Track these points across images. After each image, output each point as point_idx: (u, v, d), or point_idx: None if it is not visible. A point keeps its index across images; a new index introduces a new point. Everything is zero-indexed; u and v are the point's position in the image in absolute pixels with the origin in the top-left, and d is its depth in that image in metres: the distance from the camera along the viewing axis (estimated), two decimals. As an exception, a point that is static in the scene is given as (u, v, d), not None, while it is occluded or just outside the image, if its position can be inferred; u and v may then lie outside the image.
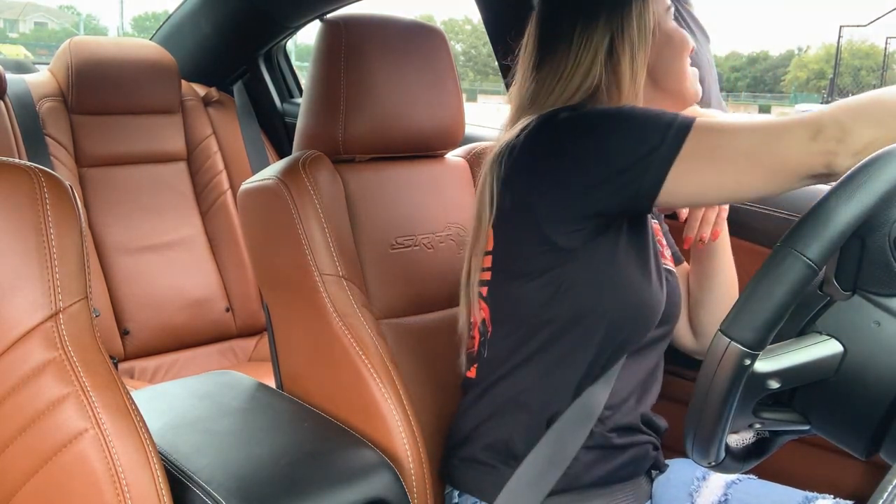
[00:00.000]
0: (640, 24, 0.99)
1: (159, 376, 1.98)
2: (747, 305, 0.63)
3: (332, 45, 1.16)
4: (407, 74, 1.19)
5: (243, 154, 2.19)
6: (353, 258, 1.13)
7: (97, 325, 0.81)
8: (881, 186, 0.62)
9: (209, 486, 0.88)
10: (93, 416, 0.76)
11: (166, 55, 2.11)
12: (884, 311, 0.64)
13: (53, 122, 1.97)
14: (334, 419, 1.07)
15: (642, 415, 1.06)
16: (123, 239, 2.01)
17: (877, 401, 0.64)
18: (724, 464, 0.73)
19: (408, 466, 1.01)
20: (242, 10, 2.06)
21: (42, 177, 0.79)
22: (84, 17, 35.16)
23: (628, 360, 1.02)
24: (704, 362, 0.65)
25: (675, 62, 1.04)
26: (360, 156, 1.21)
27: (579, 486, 1.01)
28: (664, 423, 1.11)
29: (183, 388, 1.16)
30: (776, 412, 0.70)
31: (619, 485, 1.05)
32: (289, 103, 2.26)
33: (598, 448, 1.01)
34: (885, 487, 0.48)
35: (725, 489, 1.06)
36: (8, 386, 0.76)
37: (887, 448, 0.65)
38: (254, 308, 2.13)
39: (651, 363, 1.08)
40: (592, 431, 1.00)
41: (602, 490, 1.03)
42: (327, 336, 1.07)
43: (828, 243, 0.62)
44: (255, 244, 1.21)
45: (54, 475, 0.75)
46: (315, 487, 0.90)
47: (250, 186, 1.15)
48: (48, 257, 0.77)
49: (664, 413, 1.11)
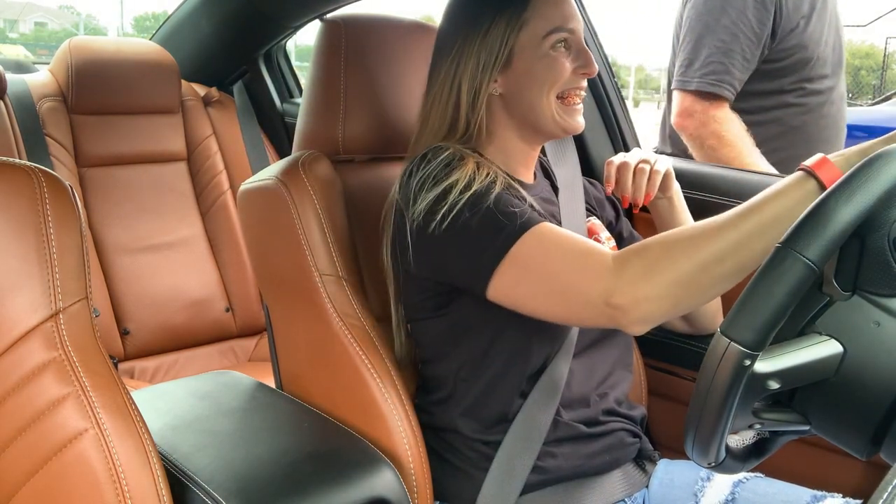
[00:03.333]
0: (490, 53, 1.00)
1: (159, 376, 1.98)
2: (747, 306, 0.63)
3: (332, 45, 1.16)
4: (407, 74, 1.19)
5: (243, 154, 2.19)
6: (353, 258, 1.13)
7: (97, 325, 0.81)
8: (881, 186, 0.62)
9: (209, 486, 0.88)
10: (93, 416, 0.76)
11: (166, 55, 2.11)
12: (884, 312, 0.64)
13: (53, 122, 1.97)
14: (334, 419, 1.07)
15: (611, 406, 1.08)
16: (123, 239, 2.01)
17: (877, 401, 0.64)
18: (725, 464, 0.73)
19: (408, 466, 1.01)
20: (242, 10, 2.05)
21: (42, 177, 0.79)
22: (84, 17, 35.14)
23: (578, 364, 1.05)
24: (704, 362, 0.65)
25: (530, 93, 1.01)
26: (360, 156, 1.21)
27: (558, 480, 1.03)
28: (640, 410, 1.13)
29: (183, 388, 1.16)
30: (776, 412, 0.70)
31: (601, 476, 1.06)
32: (289, 103, 2.26)
33: (569, 440, 1.03)
34: (885, 487, 0.48)
35: (732, 488, 1.06)
36: (8, 386, 0.76)
37: (887, 448, 0.65)
38: (254, 308, 2.13)
39: (609, 359, 1.10)
40: (558, 422, 1.02)
41: (583, 481, 1.05)
42: (327, 336, 1.07)
43: (827, 243, 0.62)
44: (255, 244, 1.21)
45: (54, 475, 0.75)
46: (315, 487, 0.90)
47: (250, 186, 1.15)
48: (48, 257, 0.77)
49: (664, 413, 1.12)
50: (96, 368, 0.79)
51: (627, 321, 0.84)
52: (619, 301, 0.83)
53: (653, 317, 0.83)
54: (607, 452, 1.06)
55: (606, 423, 1.07)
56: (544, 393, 1.01)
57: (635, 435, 1.11)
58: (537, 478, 1.01)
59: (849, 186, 0.63)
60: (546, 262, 0.88)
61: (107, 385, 0.79)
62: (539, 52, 1.00)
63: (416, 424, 1.04)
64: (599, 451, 1.05)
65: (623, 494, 1.07)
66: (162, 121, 2.12)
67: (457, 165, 0.96)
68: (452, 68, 1.02)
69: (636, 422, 1.11)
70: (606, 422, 1.07)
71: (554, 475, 1.02)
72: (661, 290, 0.82)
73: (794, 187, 0.80)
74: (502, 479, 1.00)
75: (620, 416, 1.09)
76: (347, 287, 1.08)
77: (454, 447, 1.05)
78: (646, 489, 1.11)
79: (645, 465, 1.12)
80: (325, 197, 1.10)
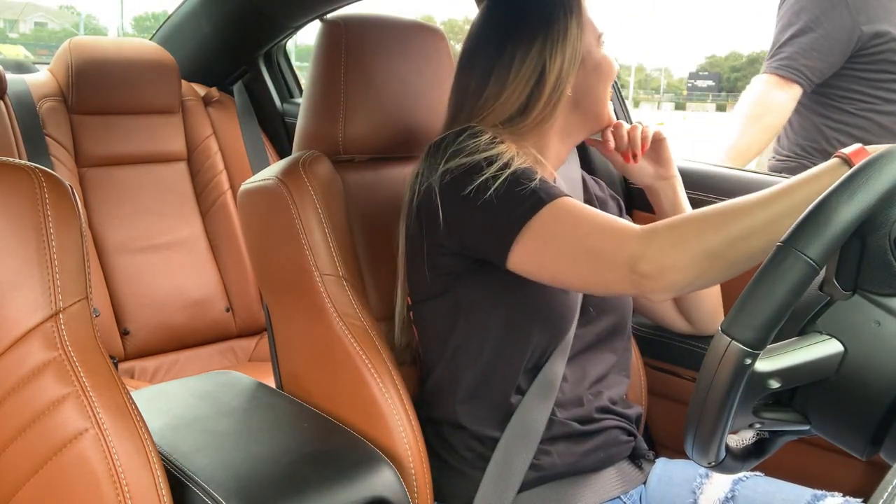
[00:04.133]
0: (573, 52, 1.05)
1: (159, 376, 1.98)
2: (748, 305, 0.63)
3: (332, 45, 1.16)
4: (407, 75, 1.19)
5: (243, 154, 2.19)
6: (353, 258, 1.13)
7: (97, 325, 0.81)
8: (882, 186, 0.62)
9: (209, 486, 0.88)
10: (93, 416, 0.76)
11: (166, 55, 2.11)
12: (884, 311, 0.64)
13: (53, 122, 1.97)
14: (334, 419, 1.07)
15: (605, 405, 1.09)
16: (123, 239, 2.01)
17: (877, 401, 0.64)
18: (724, 464, 0.73)
19: (408, 466, 1.01)
20: (242, 10, 2.05)
21: (42, 177, 0.79)
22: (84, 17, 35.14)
23: (570, 368, 1.06)
24: (704, 362, 0.65)
25: (599, 88, 1.09)
26: (360, 156, 1.21)
27: (553, 477, 1.04)
28: (636, 410, 1.13)
29: (183, 388, 1.16)
30: (776, 412, 0.70)
31: (596, 473, 1.07)
32: (289, 103, 2.26)
33: (564, 438, 1.04)
34: (885, 487, 0.48)
35: (732, 486, 1.07)
36: (8, 386, 0.76)
37: (887, 448, 0.65)
38: (254, 308, 2.13)
39: (604, 364, 1.11)
40: (553, 421, 1.03)
41: (578, 479, 1.05)
42: (327, 336, 1.07)
43: (828, 242, 0.62)
44: (255, 244, 1.21)
45: (54, 475, 0.75)
46: (315, 487, 0.90)
47: (250, 187, 1.15)
48: (48, 257, 0.77)
49: (664, 413, 1.12)
50: (96, 368, 0.79)
51: (651, 288, 0.85)
52: (645, 268, 0.84)
53: (677, 285, 0.84)
54: (602, 450, 1.07)
55: (601, 421, 1.07)
56: (540, 391, 1.02)
57: (630, 433, 1.11)
58: (532, 475, 1.02)
59: (850, 185, 0.63)
60: (575, 227, 0.90)
61: (107, 385, 0.79)
62: (599, 51, 1.09)
63: (417, 424, 1.04)
64: (594, 448, 1.06)
65: (618, 491, 1.07)
66: (162, 121, 2.12)
67: (496, 144, 0.98)
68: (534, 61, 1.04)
69: (631, 420, 1.12)
70: (600, 419, 1.07)
71: (549, 472, 1.03)
72: (688, 259, 0.83)
73: (828, 173, 0.81)
74: (500, 477, 1.00)
75: (615, 414, 1.10)
76: (348, 287, 1.08)
77: (452, 445, 1.05)
78: (643, 486, 1.11)
79: (641, 464, 1.12)
80: (325, 197, 1.10)
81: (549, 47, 1.04)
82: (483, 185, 0.93)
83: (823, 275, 0.68)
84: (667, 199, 1.18)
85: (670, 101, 58.98)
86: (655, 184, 1.18)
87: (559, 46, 1.04)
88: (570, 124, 1.11)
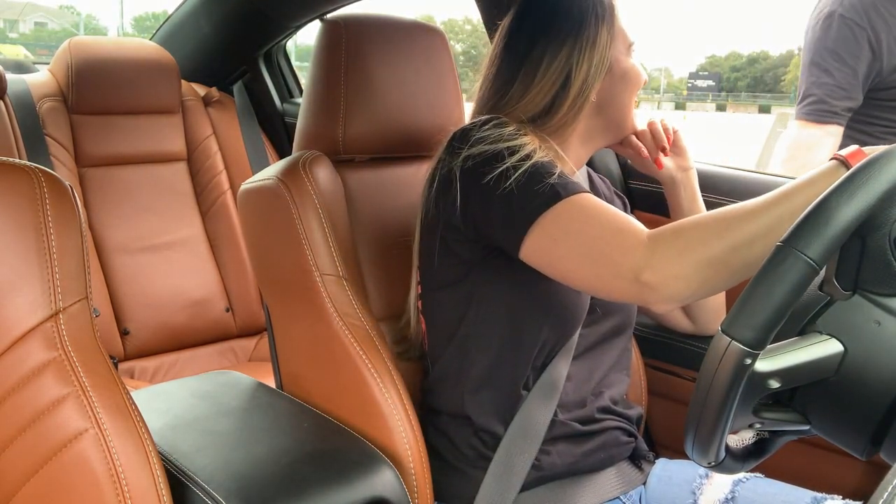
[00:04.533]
0: (601, 59, 1.05)
1: (159, 376, 1.98)
2: (748, 305, 0.63)
3: (332, 45, 1.16)
4: (407, 74, 1.19)
5: (243, 154, 2.19)
6: (353, 258, 1.13)
7: (97, 325, 0.81)
8: (882, 186, 0.62)
9: (209, 486, 0.88)
10: (93, 416, 0.76)
11: (166, 55, 2.11)
12: (884, 311, 0.64)
13: (53, 122, 1.97)
14: (334, 419, 1.07)
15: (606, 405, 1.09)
16: (123, 239, 2.01)
17: (877, 401, 0.64)
18: (724, 464, 0.73)
19: (408, 466, 1.01)
20: (242, 10, 2.05)
21: (42, 177, 0.79)
22: (84, 17, 35.14)
23: (575, 367, 1.06)
24: (704, 362, 0.65)
25: (624, 96, 1.10)
26: (360, 156, 1.21)
27: (553, 477, 1.04)
28: (637, 410, 1.13)
29: (183, 388, 1.16)
30: (776, 412, 0.70)
31: (596, 473, 1.07)
32: (289, 103, 2.26)
33: (564, 438, 1.04)
34: (885, 487, 0.48)
35: (732, 486, 1.07)
36: (8, 386, 0.76)
37: (887, 448, 0.65)
38: (254, 308, 2.13)
39: (606, 363, 1.12)
40: (555, 421, 1.03)
41: (578, 479, 1.06)
42: (327, 336, 1.07)
43: (828, 242, 0.62)
44: (255, 244, 1.21)
45: (54, 475, 0.75)
46: (315, 487, 0.90)
47: (250, 186, 1.15)
48: (48, 257, 0.77)
49: (664, 413, 1.12)
50: (96, 368, 0.79)
51: (655, 299, 0.85)
52: (649, 278, 0.84)
53: (680, 295, 0.85)
54: (602, 450, 1.07)
55: (602, 422, 1.08)
56: (543, 391, 1.02)
57: (631, 434, 1.12)
58: (533, 475, 1.02)
59: (850, 185, 0.63)
60: (586, 226, 0.90)
61: (107, 385, 0.79)
62: (628, 59, 1.09)
63: (417, 424, 1.04)
64: (594, 448, 1.06)
65: (618, 492, 1.07)
66: (162, 121, 2.12)
67: (520, 136, 0.99)
68: (562, 63, 1.04)
69: (632, 421, 1.12)
70: (601, 420, 1.08)
71: (549, 472, 1.03)
72: (691, 269, 0.83)
73: (826, 176, 0.82)
74: (501, 476, 1.00)
75: (616, 414, 1.10)
76: (348, 287, 1.08)
77: (453, 442, 1.05)
78: (643, 487, 1.11)
79: (641, 464, 1.12)
80: (325, 197, 1.10)
81: (577, 52, 1.04)
82: (503, 173, 0.94)
83: (823, 275, 0.68)
84: (687, 191, 1.19)
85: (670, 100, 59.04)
86: (677, 175, 1.19)
87: (587, 52, 1.04)
88: (592, 129, 1.11)
